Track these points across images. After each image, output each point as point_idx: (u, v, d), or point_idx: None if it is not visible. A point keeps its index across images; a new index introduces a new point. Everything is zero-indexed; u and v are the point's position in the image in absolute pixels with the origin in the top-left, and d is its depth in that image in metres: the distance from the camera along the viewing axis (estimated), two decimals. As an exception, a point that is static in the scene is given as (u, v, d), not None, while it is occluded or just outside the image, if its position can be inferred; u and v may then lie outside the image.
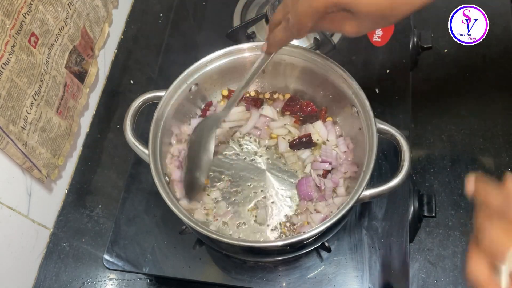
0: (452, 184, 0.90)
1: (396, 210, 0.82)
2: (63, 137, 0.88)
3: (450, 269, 0.83)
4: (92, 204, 0.95)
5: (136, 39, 1.13)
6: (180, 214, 0.68)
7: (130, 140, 0.75)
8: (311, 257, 0.80)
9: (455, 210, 0.88)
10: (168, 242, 0.83)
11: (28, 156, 0.77)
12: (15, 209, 0.79)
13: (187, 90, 0.80)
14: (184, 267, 0.80)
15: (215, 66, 0.81)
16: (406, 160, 0.69)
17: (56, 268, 0.90)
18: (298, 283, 0.78)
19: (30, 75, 0.75)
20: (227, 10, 1.05)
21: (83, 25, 0.90)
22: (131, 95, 1.05)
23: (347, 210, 0.66)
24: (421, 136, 0.95)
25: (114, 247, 0.83)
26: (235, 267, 0.80)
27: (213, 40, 1.03)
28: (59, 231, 0.93)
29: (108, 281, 0.88)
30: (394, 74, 0.94)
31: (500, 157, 0.92)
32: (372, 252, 0.79)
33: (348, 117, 0.80)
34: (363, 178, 0.68)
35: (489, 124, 0.95)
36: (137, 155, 0.76)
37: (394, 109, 0.90)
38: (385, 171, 0.85)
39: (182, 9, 1.09)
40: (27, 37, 0.74)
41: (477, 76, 1.01)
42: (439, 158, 0.93)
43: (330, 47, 0.96)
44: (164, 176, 0.72)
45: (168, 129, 0.80)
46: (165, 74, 0.99)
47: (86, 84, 0.95)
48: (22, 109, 0.74)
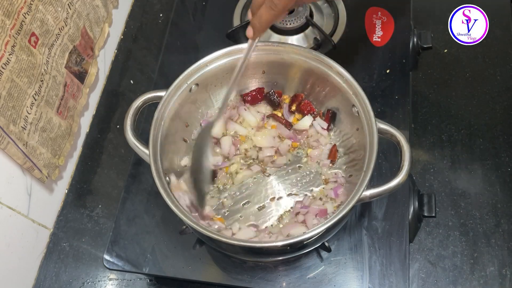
0: (452, 184, 0.90)
1: (396, 210, 0.82)
2: (63, 137, 0.88)
3: (450, 269, 0.83)
4: (92, 204, 0.95)
5: (136, 39, 1.13)
6: (180, 214, 0.67)
7: (130, 140, 0.75)
8: (311, 257, 0.80)
9: (455, 210, 0.88)
10: (168, 242, 0.83)
11: (29, 156, 0.77)
12: (15, 209, 0.79)
13: (187, 90, 0.80)
14: (184, 267, 0.80)
15: (215, 66, 0.81)
16: (406, 160, 0.69)
17: (56, 268, 0.90)
18: (298, 283, 0.78)
19: (30, 75, 0.75)
20: (227, 10, 1.05)
21: (83, 25, 0.90)
22: (131, 95, 1.05)
23: (347, 210, 0.66)
24: (421, 136, 0.95)
25: (114, 247, 0.83)
26: (235, 267, 0.80)
27: (213, 40, 1.03)
28: (59, 231, 0.93)
29: (108, 281, 0.88)
30: (394, 74, 0.94)
31: (500, 157, 0.92)
32: (372, 252, 0.79)
33: (348, 117, 0.80)
34: (363, 178, 0.68)
35: (489, 124, 0.95)
36: (137, 155, 0.76)
37: (394, 109, 0.90)
38: (385, 171, 0.85)
39: (182, 9, 1.09)
40: (27, 37, 0.74)
41: (477, 76, 1.01)
42: (439, 158, 0.93)
43: (330, 47, 0.96)
44: (164, 176, 0.72)
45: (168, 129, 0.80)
46: (165, 74, 0.99)
47: (86, 84, 0.95)
48: (22, 109, 0.74)
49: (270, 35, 0.99)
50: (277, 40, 0.98)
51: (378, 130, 0.71)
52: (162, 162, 0.74)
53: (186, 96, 0.81)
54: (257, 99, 0.87)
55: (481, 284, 0.82)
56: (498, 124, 0.95)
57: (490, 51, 1.02)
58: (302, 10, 0.97)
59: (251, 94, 0.87)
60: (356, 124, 0.77)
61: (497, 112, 0.96)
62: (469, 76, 1.01)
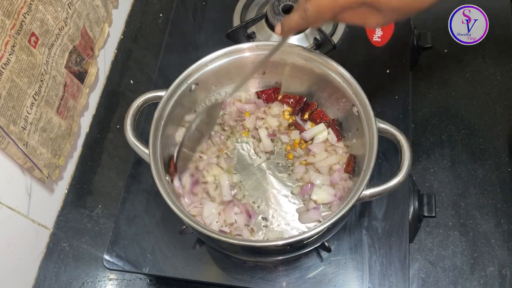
0: (452, 184, 0.90)
1: (396, 210, 0.82)
2: (63, 137, 0.88)
3: (450, 269, 0.83)
4: (92, 204, 0.95)
5: (136, 39, 1.13)
6: (180, 214, 0.67)
7: (130, 139, 0.75)
8: (311, 257, 0.80)
9: (455, 210, 0.88)
10: (168, 242, 0.83)
11: (29, 156, 0.77)
12: (15, 209, 0.79)
13: (187, 90, 0.80)
14: (184, 267, 0.80)
15: (215, 66, 0.81)
16: (406, 160, 0.69)
17: (56, 268, 0.90)
18: (298, 283, 0.78)
19: (30, 75, 0.75)
20: (227, 10, 1.05)
21: (83, 25, 0.90)
22: (131, 95, 1.05)
23: (347, 210, 0.66)
24: (421, 136, 0.95)
25: (114, 247, 0.83)
26: (235, 267, 0.80)
27: (213, 40, 1.03)
28: (59, 231, 0.93)
29: (108, 281, 0.88)
30: (394, 74, 0.94)
31: (500, 157, 0.92)
32: (372, 252, 0.79)
33: (349, 116, 0.80)
34: (363, 178, 0.68)
35: (489, 124, 0.95)
36: (137, 155, 0.76)
37: (394, 109, 0.90)
38: (385, 171, 0.85)
39: (182, 9, 1.09)
40: (27, 37, 0.74)
41: (477, 76, 1.01)
42: (439, 158, 0.93)
43: (330, 47, 0.96)
44: (164, 176, 0.72)
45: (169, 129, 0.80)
46: (165, 74, 0.99)
47: (86, 84, 0.95)
48: (22, 109, 0.74)
49: (270, 35, 0.99)
50: (277, 40, 0.97)
51: (378, 129, 0.71)
52: (162, 162, 0.74)
53: (186, 96, 0.81)
54: (272, 99, 0.87)
55: (481, 284, 0.82)
56: (498, 124, 0.95)
57: (490, 51, 1.02)
58: (302, 10, 0.97)
59: (266, 92, 0.87)
60: (356, 124, 0.77)
61: (497, 112, 0.96)
62: (469, 76, 1.01)
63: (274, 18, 0.97)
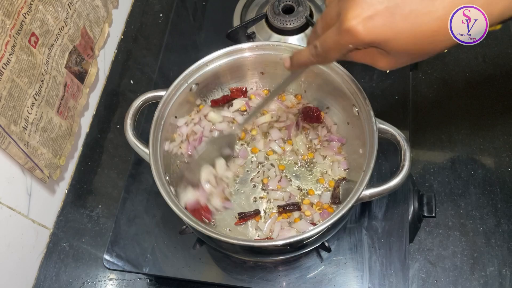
0: (452, 184, 0.90)
1: (396, 210, 0.82)
2: (64, 137, 0.88)
3: (450, 269, 0.83)
4: (92, 204, 0.95)
5: (136, 39, 1.13)
6: (180, 213, 0.68)
7: (130, 139, 0.75)
8: (311, 257, 0.80)
9: (455, 210, 0.88)
10: (168, 242, 0.83)
11: (30, 157, 0.77)
12: (15, 209, 0.79)
13: (187, 90, 0.80)
14: (184, 267, 0.80)
15: (215, 66, 0.81)
16: (406, 160, 0.69)
17: (56, 268, 0.90)
18: (298, 283, 0.78)
19: (30, 75, 0.75)
20: (227, 10, 1.06)
21: (83, 25, 0.90)
22: (131, 95, 1.05)
23: (347, 210, 0.66)
24: (421, 136, 0.95)
25: (114, 247, 0.83)
26: (235, 267, 0.80)
27: (213, 40, 1.03)
28: (59, 231, 0.93)
29: (108, 281, 0.88)
30: (394, 74, 0.94)
31: (500, 157, 0.92)
32: (372, 252, 0.79)
33: (349, 116, 0.80)
34: (363, 178, 0.68)
35: (489, 124, 0.95)
36: (137, 155, 0.76)
37: (394, 109, 0.90)
38: (385, 171, 0.85)
39: (182, 9, 1.09)
40: (27, 37, 0.74)
41: (476, 76, 1.01)
42: (439, 158, 0.93)
43: (330, 47, 0.96)
44: (164, 176, 0.72)
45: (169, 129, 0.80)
46: (165, 74, 0.99)
47: (86, 84, 0.95)
48: (23, 109, 0.74)
49: (270, 35, 0.99)
50: (277, 40, 0.98)
51: (378, 130, 0.71)
52: (162, 161, 0.74)
53: (186, 96, 0.81)
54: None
55: (481, 284, 0.82)
56: (498, 124, 0.95)
57: (490, 51, 1.02)
58: (302, 10, 0.97)
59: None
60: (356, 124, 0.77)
61: (497, 112, 0.96)
62: (469, 76, 1.01)
63: (274, 18, 0.97)
